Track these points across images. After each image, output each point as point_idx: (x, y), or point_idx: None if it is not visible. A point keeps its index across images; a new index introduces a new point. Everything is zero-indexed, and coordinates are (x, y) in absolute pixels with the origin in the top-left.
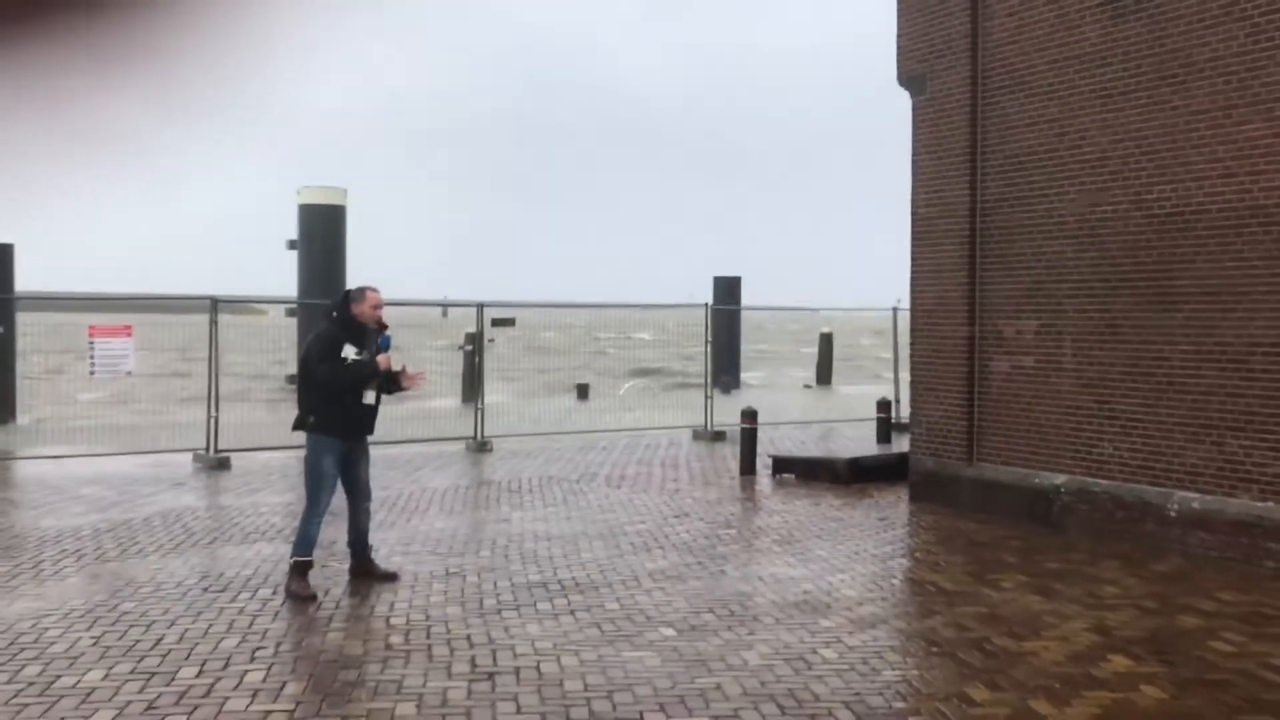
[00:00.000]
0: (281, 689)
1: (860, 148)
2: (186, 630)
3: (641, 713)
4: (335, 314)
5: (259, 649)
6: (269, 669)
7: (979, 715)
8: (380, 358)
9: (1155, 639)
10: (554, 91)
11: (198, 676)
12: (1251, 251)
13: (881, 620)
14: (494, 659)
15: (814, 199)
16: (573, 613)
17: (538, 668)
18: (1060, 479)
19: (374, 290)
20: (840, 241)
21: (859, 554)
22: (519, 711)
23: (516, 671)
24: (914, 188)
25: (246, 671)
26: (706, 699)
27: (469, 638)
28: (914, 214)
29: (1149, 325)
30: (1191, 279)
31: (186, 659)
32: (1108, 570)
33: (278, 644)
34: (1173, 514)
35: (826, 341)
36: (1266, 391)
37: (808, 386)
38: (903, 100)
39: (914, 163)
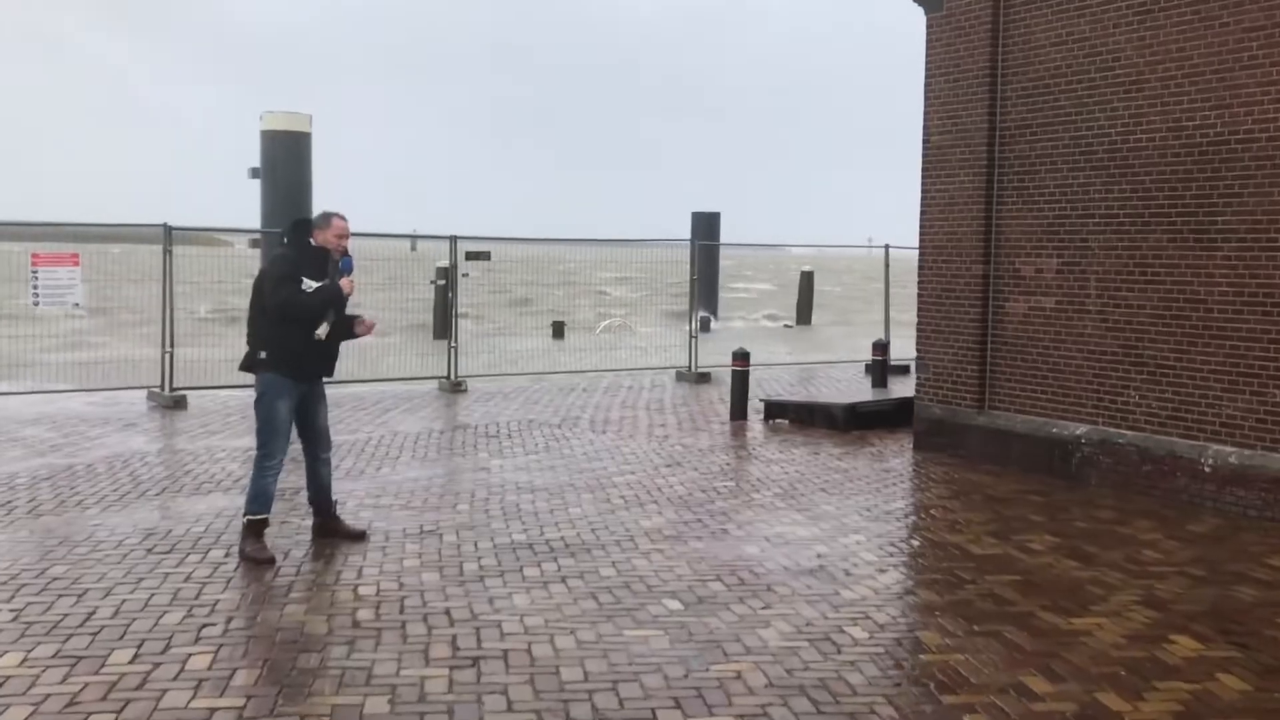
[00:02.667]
0: (230, 678)
1: (851, 85)
2: (124, 602)
3: (654, 709)
4: (288, 240)
5: (206, 626)
6: (216, 652)
7: (1043, 712)
8: (343, 281)
9: (1216, 614)
10: (532, 18)
11: (132, 662)
12: None
13: (908, 591)
14: (478, 639)
15: (797, 136)
16: (564, 580)
17: (529, 650)
18: (1081, 429)
19: (341, 217)
20: (820, 179)
21: (870, 510)
22: (510, 709)
23: (504, 656)
24: (926, 113)
25: (190, 655)
26: (727, 692)
27: (448, 612)
28: (925, 142)
29: (1184, 265)
30: (1234, 214)
31: (120, 639)
32: (1143, 530)
33: (228, 620)
34: (1207, 469)
35: (807, 280)
36: None
37: (788, 326)
38: (904, 30)
39: (927, 86)
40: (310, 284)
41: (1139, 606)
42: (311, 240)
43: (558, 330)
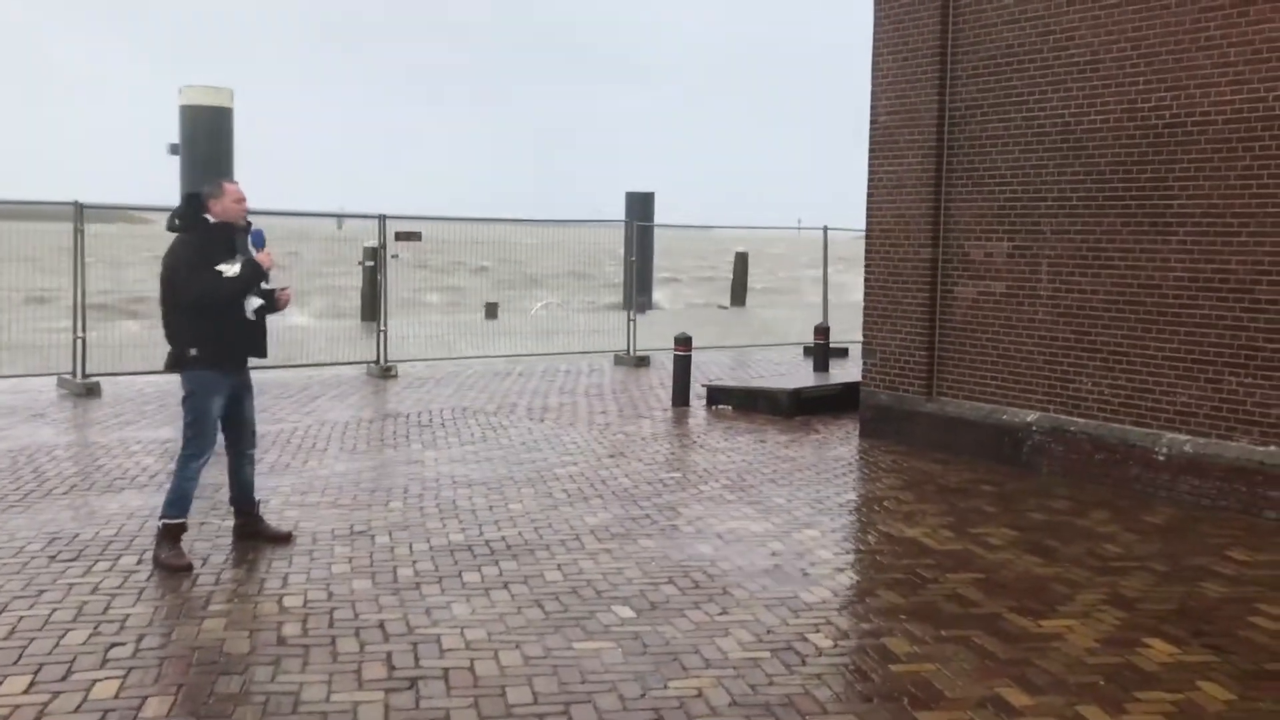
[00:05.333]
0: (139, 709)
1: (785, 63)
2: (21, 619)
3: None
4: (182, 221)
5: (114, 646)
6: (125, 677)
7: None
8: (260, 256)
9: (1186, 614)
10: None
11: (27, 691)
12: (1262, 167)
13: (869, 592)
14: (415, 657)
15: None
16: (507, 586)
17: (471, 668)
18: (1032, 416)
19: (231, 181)
20: (755, 160)
21: (822, 503)
22: None
23: (445, 675)
24: (874, 93)
25: (94, 682)
26: (689, 713)
27: (383, 625)
28: (873, 122)
29: (1138, 249)
30: (1190, 198)
31: (16, 663)
32: (1100, 523)
33: (139, 638)
34: (1161, 458)
35: (742, 261)
36: (1272, 324)
37: (722, 308)
38: (853, 5)
39: (874, 64)
40: (227, 268)
41: (1107, 606)
42: (209, 216)
43: (491, 312)
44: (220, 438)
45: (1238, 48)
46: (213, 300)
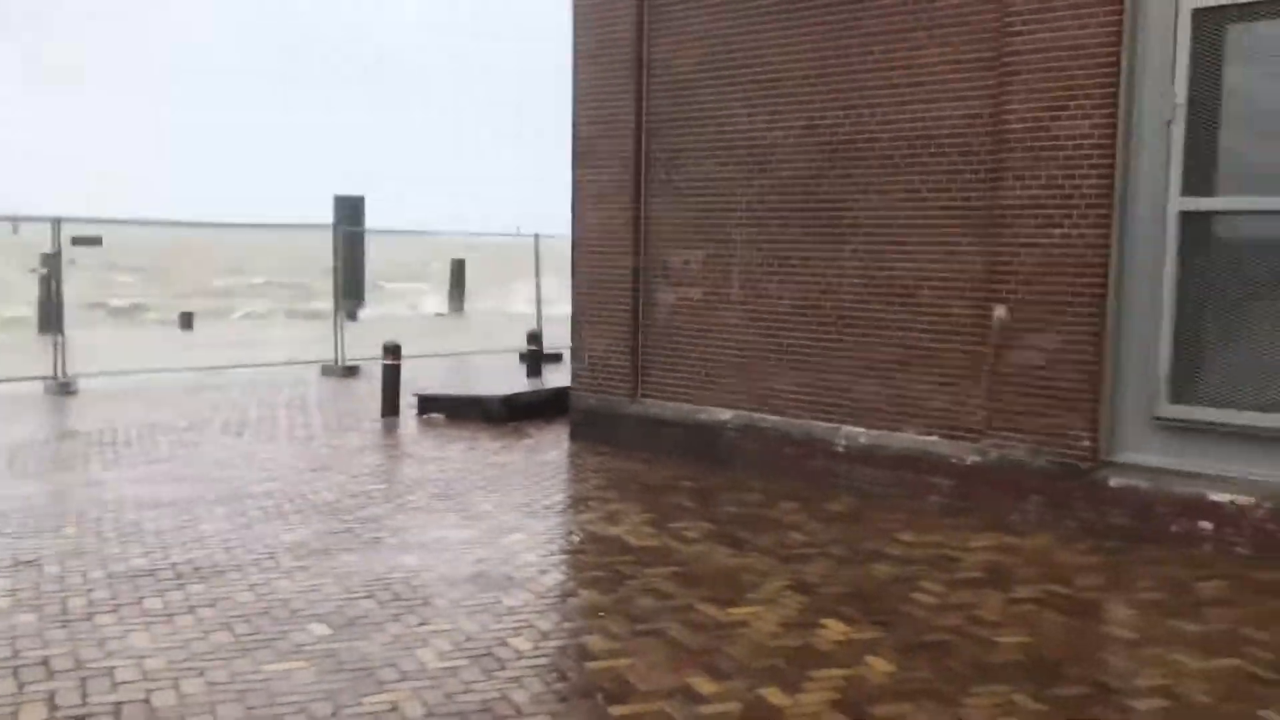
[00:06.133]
0: None
1: (497, 70)
2: None
3: None
4: None
5: None
6: None
7: (709, 715)
8: None
9: (860, 595)
10: None
11: None
12: (922, 182)
13: (571, 592)
14: (83, 693)
15: (460, 121)
16: (193, 610)
17: (147, 700)
18: (728, 415)
19: None
20: (480, 165)
21: (529, 506)
22: None
23: (116, 710)
24: (575, 103)
25: None
26: None
27: (46, 662)
28: (575, 131)
29: (819, 257)
30: (863, 209)
31: None
32: (788, 513)
33: None
34: (841, 449)
35: (459, 267)
36: (932, 325)
37: (440, 315)
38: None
39: (574, 74)
40: None
41: (790, 592)
42: None
43: (186, 321)
44: None
45: (899, 71)
46: None
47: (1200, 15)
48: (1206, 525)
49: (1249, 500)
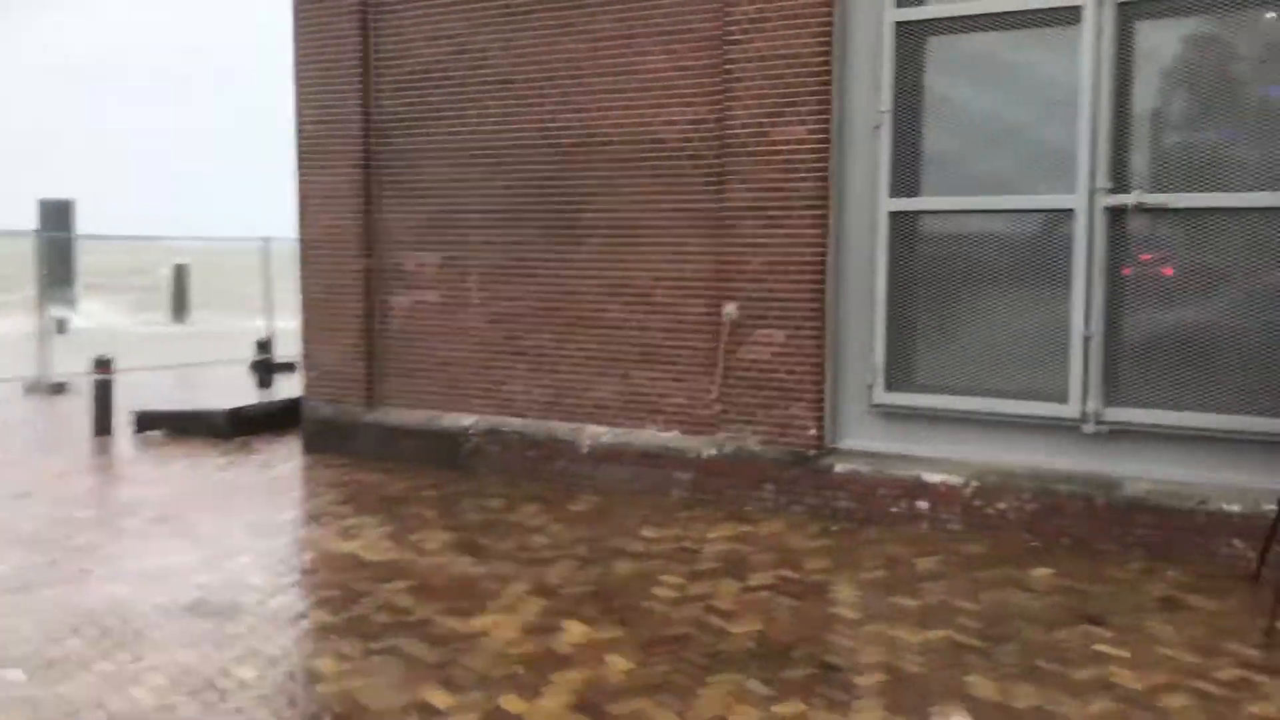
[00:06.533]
0: None
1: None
2: None
3: None
4: None
5: None
6: None
7: None
8: None
9: (601, 594)
10: None
11: None
12: (653, 185)
13: (300, 615)
14: None
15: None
16: None
17: None
18: (469, 420)
19: None
20: (211, 167)
21: (257, 525)
22: None
23: None
24: (299, 103)
25: None
26: None
27: None
28: (300, 131)
29: (556, 259)
30: (597, 211)
31: None
32: (530, 516)
33: None
34: (585, 449)
35: (181, 274)
36: (668, 324)
37: (161, 325)
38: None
39: (297, 74)
40: None
41: (531, 596)
42: None
43: None
44: None
45: (627, 76)
46: None
47: (902, 28)
48: (923, 505)
49: (959, 480)
